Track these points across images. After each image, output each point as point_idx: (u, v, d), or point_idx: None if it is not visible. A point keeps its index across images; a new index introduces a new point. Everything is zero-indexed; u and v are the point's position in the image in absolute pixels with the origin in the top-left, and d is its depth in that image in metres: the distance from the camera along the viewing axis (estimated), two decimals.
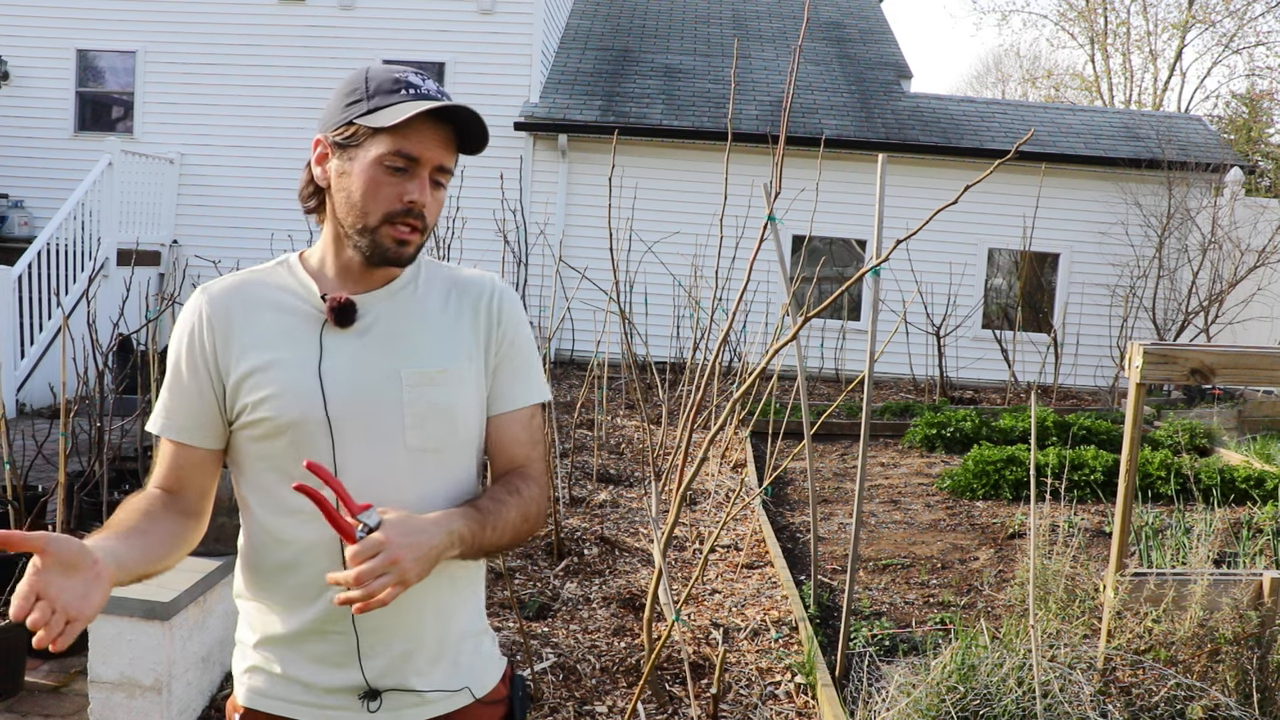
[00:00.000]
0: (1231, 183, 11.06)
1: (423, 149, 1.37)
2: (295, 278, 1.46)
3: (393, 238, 1.38)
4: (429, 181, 1.39)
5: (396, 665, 1.43)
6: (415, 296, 1.47)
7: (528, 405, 1.54)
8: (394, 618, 1.41)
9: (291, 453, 1.38)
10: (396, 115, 1.34)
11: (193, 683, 3.23)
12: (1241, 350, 3.46)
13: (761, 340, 9.19)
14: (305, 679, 1.42)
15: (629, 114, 11.36)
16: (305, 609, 1.41)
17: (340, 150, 1.41)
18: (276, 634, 1.44)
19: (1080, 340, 11.08)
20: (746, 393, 2.81)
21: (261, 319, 1.42)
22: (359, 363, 1.41)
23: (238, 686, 1.48)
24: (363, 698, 1.41)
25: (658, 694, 3.40)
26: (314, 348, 1.40)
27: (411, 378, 1.42)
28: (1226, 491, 5.91)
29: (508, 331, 1.51)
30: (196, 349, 1.42)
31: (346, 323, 1.41)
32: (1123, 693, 3.22)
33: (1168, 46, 26.61)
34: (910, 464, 7.19)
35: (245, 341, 1.41)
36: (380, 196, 1.37)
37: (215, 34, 11.44)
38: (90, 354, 4.73)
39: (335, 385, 1.39)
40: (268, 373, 1.39)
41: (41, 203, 10.86)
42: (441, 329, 1.47)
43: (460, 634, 1.50)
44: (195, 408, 1.43)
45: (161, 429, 1.46)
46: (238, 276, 1.46)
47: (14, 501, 3.96)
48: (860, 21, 14.96)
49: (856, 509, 3.51)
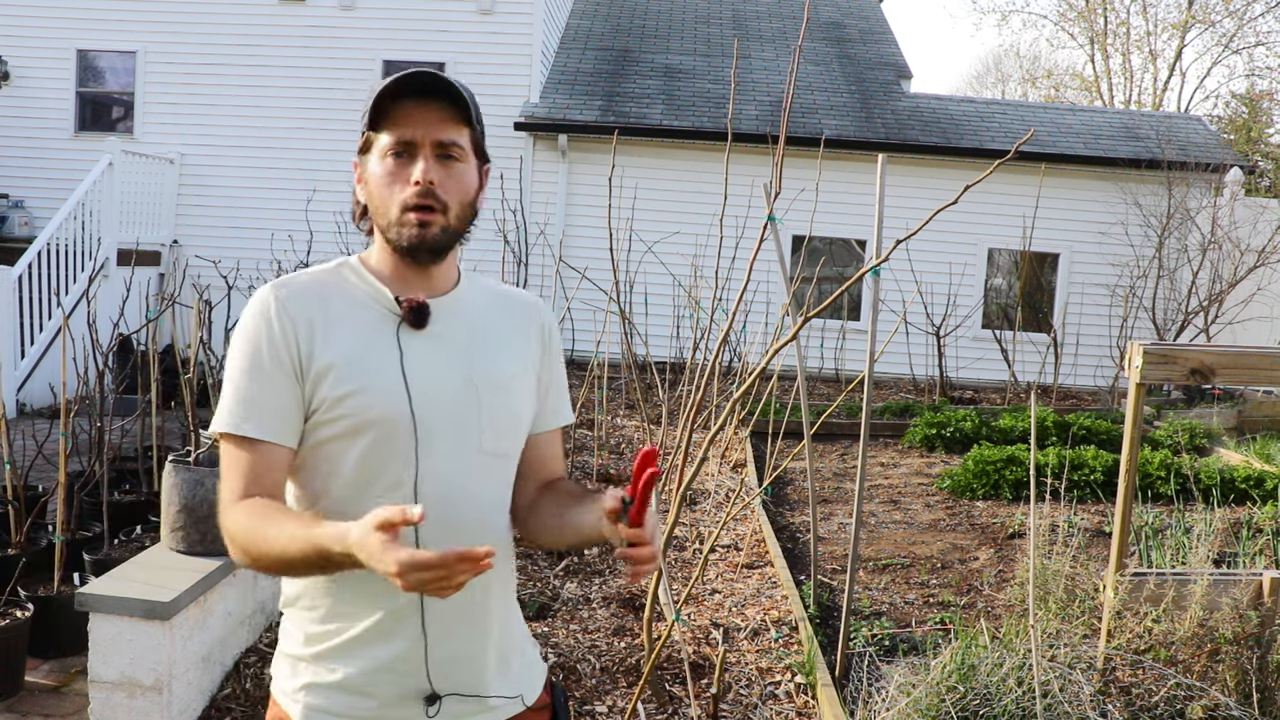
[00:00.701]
0: (1231, 183, 11.06)
1: (413, 130, 1.38)
2: (363, 280, 1.45)
3: (413, 222, 1.39)
4: (434, 158, 1.39)
5: (461, 669, 1.42)
6: (476, 305, 1.49)
7: (565, 424, 1.60)
8: (462, 620, 1.40)
9: (368, 451, 1.36)
10: (374, 109, 1.39)
11: (193, 683, 3.23)
12: (1241, 350, 3.46)
13: (761, 340, 9.18)
14: (367, 688, 1.39)
15: (629, 114, 11.36)
16: (369, 614, 1.38)
17: (361, 163, 1.45)
18: (336, 643, 1.40)
19: (1080, 340, 11.08)
20: (746, 393, 2.81)
21: (338, 316, 1.40)
22: (437, 365, 1.41)
23: (290, 704, 1.42)
24: (427, 700, 1.39)
25: (658, 694, 3.41)
26: (393, 347, 1.39)
27: (486, 382, 1.43)
28: (1226, 491, 5.91)
29: (556, 352, 1.58)
30: (279, 339, 1.36)
31: (422, 324, 1.41)
32: (1123, 693, 3.22)
33: (1167, 46, 26.62)
34: (910, 464, 7.19)
35: (325, 335, 1.38)
36: (392, 187, 1.39)
37: (215, 34, 11.44)
38: (90, 354, 4.73)
39: (419, 385, 1.38)
40: (350, 369, 1.36)
41: (42, 203, 10.85)
42: (505, 338, 1.50)
43: (515, 639, 1.51)
44: (282, 402, 1.36)
45: (249, 429, 1.34)
46: (306, 274, 1.45)
47: (14, 501, 3.96)
48: (860, 21, 14.96)
49: (856, 509, 3.51)
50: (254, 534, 1.28)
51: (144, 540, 4.02)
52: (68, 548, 3.85)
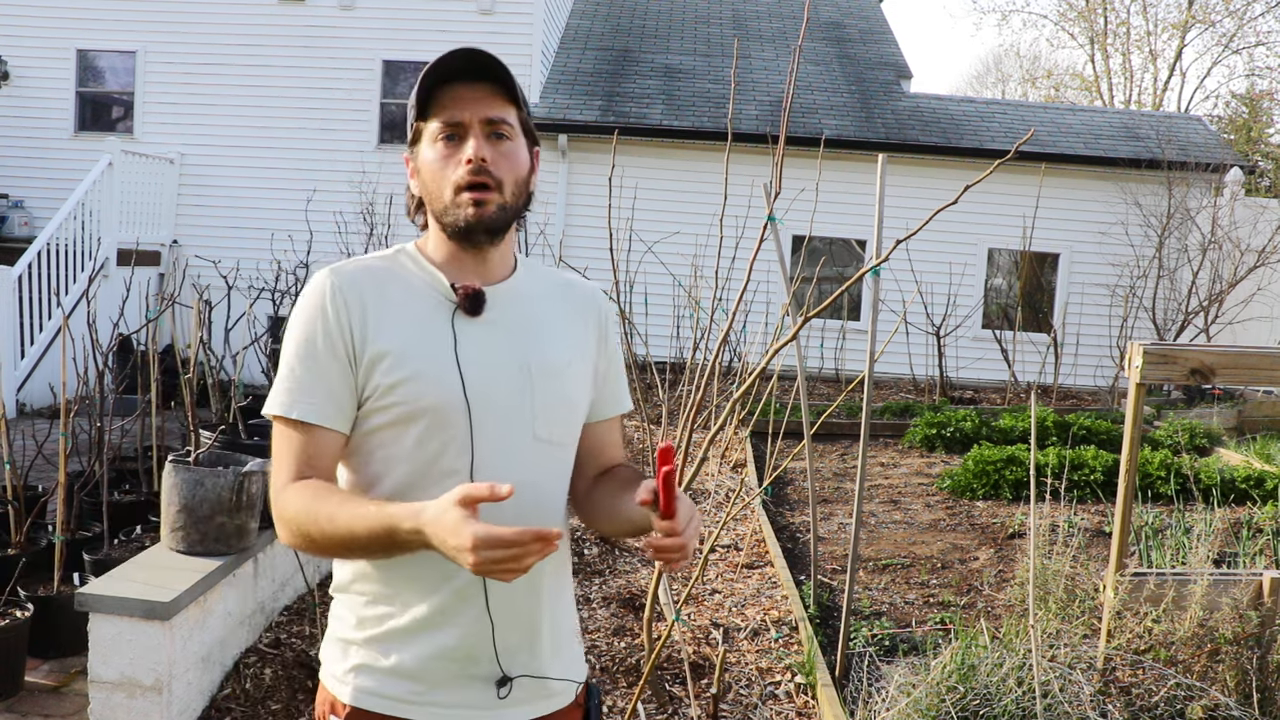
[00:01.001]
0: (1231, 183, 11.06)
1: (459, 111, 1.39)
2: (419, 266, 1.45)
3: (468, 201, 1.39)
4: (484, 137, 1.39)
5: (524, 652, 1.42)
6: (531, 293, 1.49)
7: (624, 412, 1.60)
8: (524, 603, 1.41)
9: (423, 438, 1.36)
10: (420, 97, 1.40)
11: (193, 683, 3.23)
12: (1241, 350, 3.46)
13: (761, 340, 9.18)
14: (423, 674, 1.38)
15: (629, 114, 11.36)
16: (429, 599, 1.38)
17: (414, 154, 1.45)
18: (391, 627, 1.39)
19: (1080, 340, 11.07)
20: (746, 393, 2.81)
21: (393, 301, 1.40)
22: (492, 351, 1.41)
23: (338, 686, 1.41)
24: (498, 684, 1.40)
25: (658, 694, 3.40)
26: (447, 334, 1.39)
27: (541, 370, 1.43)
28: (1226, 491, 5.91)
29: (613, 341, 1.58)
30: (333, 325, 1.36)
31: (477, 311, 1.41)
32: (1123, 693, 3.22)
33: (1168, 46, 26.62)
34: (910, 464, 7.19)
35: (379, 322, 1.37)
36: (444, 170, 1.40)
37: (215, 34, 11.44)
38: (90, 354, 4.73)
39: (473, 372, 1.38)
40: (404, 355, 1.36)
41: (41, 203, 10.85)
42: (562, 325, 1.50)
43: (571, 628, 1.53)
44: (335, 388, 1.36)
45: (301, 412, 1.34)
46: (363, 260, 1.45)
47: (14, 501, 3.96)
48: (860, 21, 14.96)
49: (856, 509, 3.51)
50: (313, 513, 1.29)
51: (144, 540, 4.02)
52: (68, 548, 3.85)
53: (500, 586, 1.37)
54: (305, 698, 3.44)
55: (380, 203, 9.98)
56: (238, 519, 3.43)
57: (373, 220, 9.20)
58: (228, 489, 3.38)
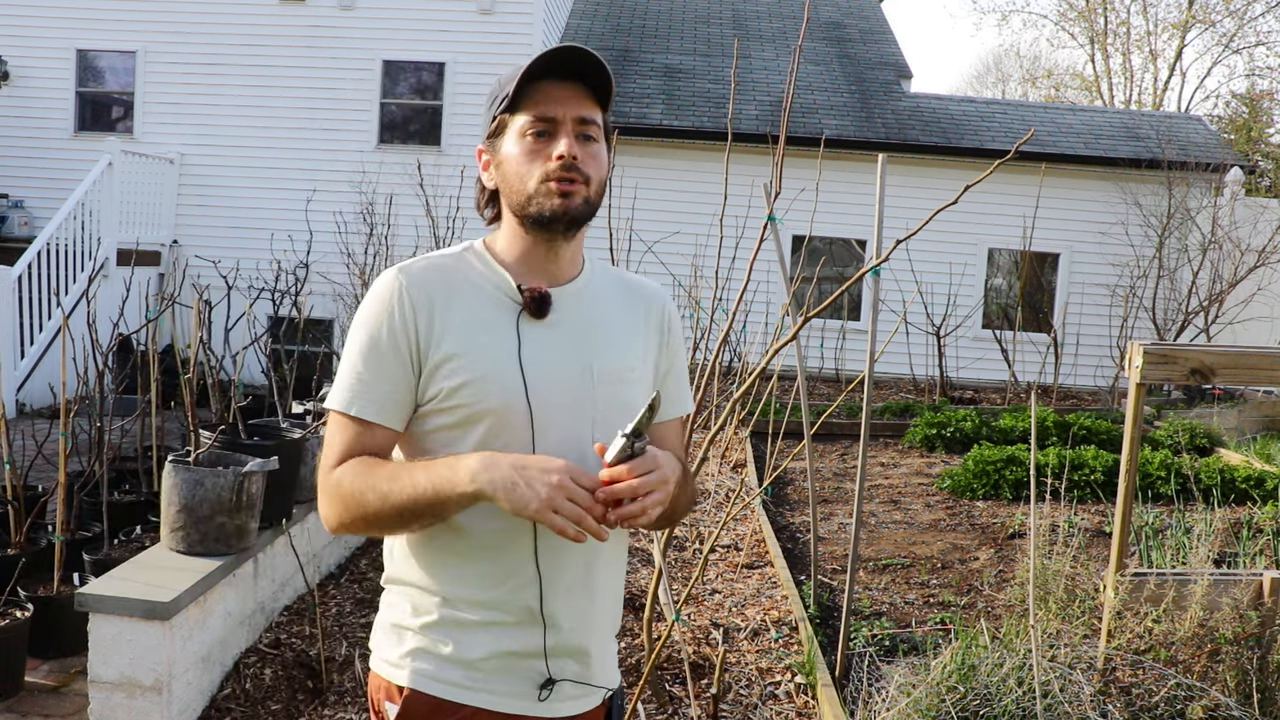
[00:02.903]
0: (1231, 183, 11.05)
1: (553, 107, 1.39)
2: (486, 266, 1.45)
3: (554, 190, 1.39)
4: (575, 136, 1.39)
5: (574, 657, 1.44)
6: (598, 295, 1.50)
7: (685, 414, 1.61)
8: (578, 607, 1.42)
9: (485, 440, 1.37)
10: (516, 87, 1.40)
11: (193, 683, 3.22)
12: (1241, 350, 3.46)
13: (761, 340, 9.18)
14: (479, 662, 1.39)
15: (629, 114, 11.36)
16: (485, 595, 1.39)
17: (492, 146, 1.46)
18: (450, 617, 1.40)
19: (1080, 340, 11.07)
20: (746, 393, 2.81)
21: (460, 303, 1.41)
22: (555, 355, 1.41)
23: (392, 671, 1.42)
24: (541, 686, 1.41)
25: (658, 694, 3.40)
26: (512, 336, 1.40)
27: (604, 374, 1.44)
28: (1226, 491, 5.91)
29: (676, 343, 1.58)
30: (398, 326, 1.38)
31: (542, 314, 1.41)
32: (1123, 693, 3.22)
33: (1168, 46, 26.61)
34: (910, 464, 7.19)
35: (445, 323, 1.39)
36: (532, 164, 1.40)
37: (215, 34, 11.43)
38: (90, 354, 4.73)
39: (536, 375, 1.38)
40: (467, 358, 1.37)
41: (41, 203, 10.84)
42: (625, 329, 1.50)
43: (610, 634, 1.53)
44: (395, 387, 1.38)
45: (360, 409, 1.37)
46: (432, 259, 1.46)
47: (14, 501, 3.95)
48: (860, 21, 14.96)
49: (856, 509, 3.51)
50: (371, 478, 1.33)
51: (144, 540, 4.01)
52: (67, 548, 3.84)
53: (559, 590, 1.40)
54: (305, 698, 3.44)
55: (380, 203, 9.97)
56: (238, 519, 3.43)
57: (373, 220, 9.19)
58: (228, 489, 3.38)
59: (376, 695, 1.45)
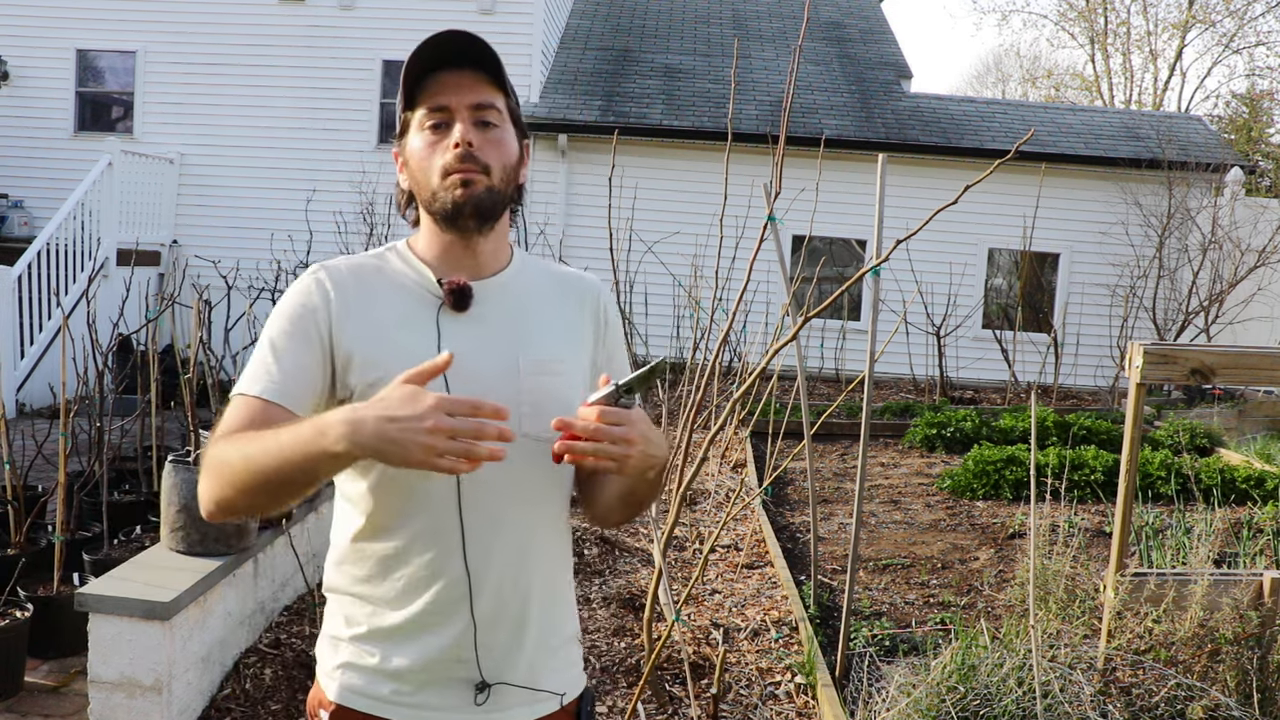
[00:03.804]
0: (1231, 183, 11.05)
1: (446, 95, 1.38)
2: (407, 263, 1.44)
3: (455, 182, 1.37)
4: (471, 123, 1.38)
5: (509, 658, 1.41)
6: (525, 288, 1.47)
7: None
8: (510, 606, 1.40)
9: None
10: (407, 88, 1.40)
11: (193, 683, 3.22)
12: (1241, 350, 3.46)
13: (761, 340, 9.18)
14: (407, 675, 1.38)
15: (629, 114, 11.36)
16: (415, 600, 1.37)
17: (402, 146, 1.45)
18: (382, 627, 1.39)
19: (1080, 340, 11.07)
20: (746, 393, 2.81)
21: (379, 300, 1.39)
22: (477, 348, 1.39)
23: (327, 682, 1.42)
24: (477, 688, 1.38)
25: (658, 694, 3.40)
26: (431, 332, 1.38)
27: (529, 366, 1.41)
28: (1227, 491, 5.91)
29: (614, 334, 1.56)
30: (311, 319, 1.36)
31: (463, 307, 1.39)
32: (1123, 693, 3.22)
33: (1168, 46, 26.61)
34: (910, 464, 7.19)
35: (363, 320, 1.37)
36: (432, 157, 1.38)
37: (215, 34, 11.44)
38: (90, 354, 4.73)
39: (455, 370, 1.34)
40: (385, 355, 1.35)
41: (41, 203, 10.84)
42: (554, 320, 1.48)
43: (565, 635, 1.50)
44: (301, 373, 1.35)
45: (262, 390, 1.32)
46: (353, 259, 1.44)
47: (14, 501, 3.95)
48: (860, 21, 14.96)
49: (856, 509, 3.51)
50: (236, 447, 1.24)
51: (144, 540, 4.01)
52: (67, 548, 3.84)
53: (487, 590, 1.37)
54: (305, 698, 3.43)
55: (380, 203, 9.98)
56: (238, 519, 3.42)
57: (373, 220, 9.20)
58: None
59: (313, 704, 1.45)
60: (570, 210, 11.35)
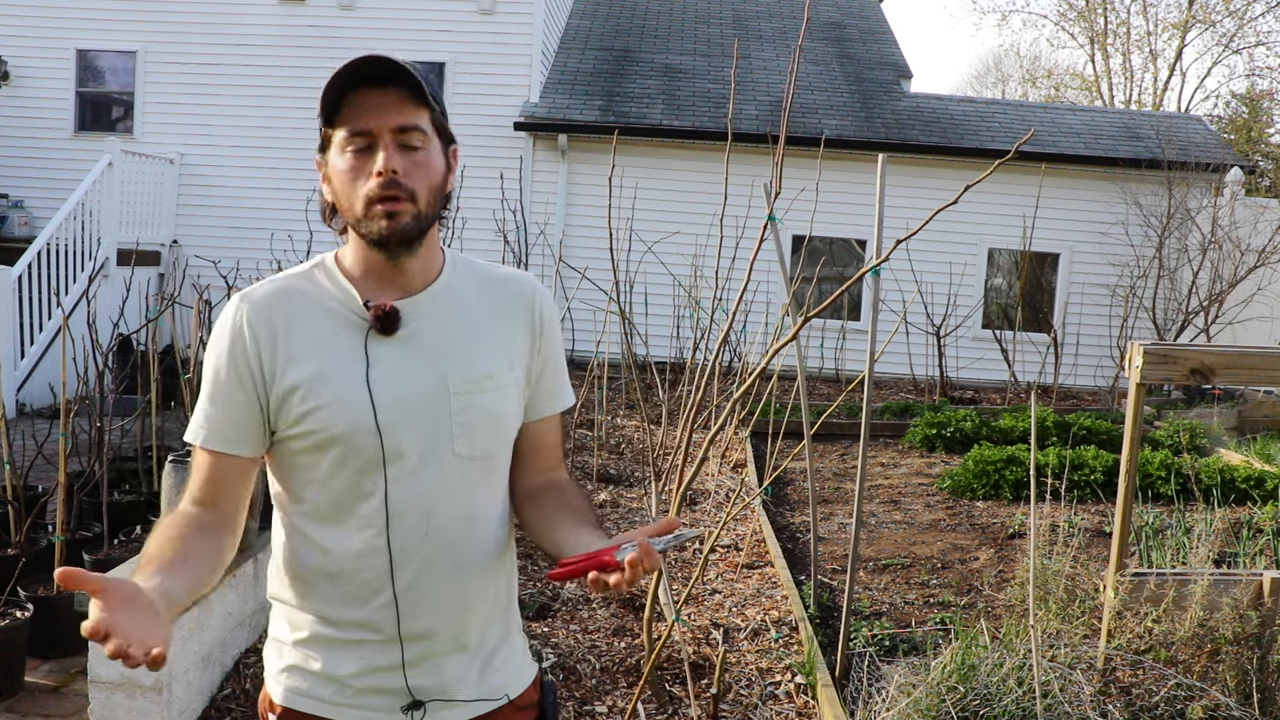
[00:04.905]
0: (1231, 183, 11.05)
1: (368, 119, 1.33)
2: (334, 283, 1.42)
3: (380, 214, 1.34)
4: (395, 147, 1.33)
5: (440, 674, 1.42)
6: (455, 300, 1.45)
7: (563, 408, 1.56)
8: (438, 625, 1.40)
9: (337, 464, 1.36)
10: (327, 104, 1.35)
11: (193, 683, 3.23)
12: (1241, 350, 3.46)
13: (761, 340, 9.18)
14: (347, 679, 1.40)
15: (629, 114, 11.36)
16: (348, 615, 1.39)
17: (324, 159, 1.40)
18: (319, 634, 1.41)
19: (1080, 340, 11.07)
20: (746, 393, 2.81)
21: (305, 328, 1.38)
22: (406, 371, 1.38)
23: (273, 685, 1.45)
24: (406, 709, 1.40)
25: (658, 694, 3.40)
26: (359, 357, 1.37)
27: (459, 384, 1.40)
28: (1226, 491, 5.91)
29: (550, 337, 1.52)
30: (239, 357, 1.37)
31: (391, 330, 1.38)
32: (1123, 693, 3.22)
33: (1168, 46, 26.62)
34: (910, 464, 7.19)
35: (290, 351, 1.36)
36: (355, 183, 1.35)
37: (215, 34, 11.44)
38: (90, 354, 4.73)
39: (384, 395, 1.36)
40: (315, 384, 1.35)
41: (41, 203, 10.85)
42: (486, 334, 1.45)
43: (498, 639, 1.50)
44: (240, 417, 1.38)
45: (203, 439, 1.38)
46: (276, 283, 1.42)
47: (14, 501, 3.96)
48: (860, 21, 14.96)
49: (857, 509, 3.51)
50: (154, 542, 1.31)
51: (144, 540, 4.01)
52: (67, 548, 3.85)
53: (416, 609, 1.39)
54: None
55: None
56: None
57: None
58: None
59: (262, 706, 1.48)
60: (570, 210, 11.35)
